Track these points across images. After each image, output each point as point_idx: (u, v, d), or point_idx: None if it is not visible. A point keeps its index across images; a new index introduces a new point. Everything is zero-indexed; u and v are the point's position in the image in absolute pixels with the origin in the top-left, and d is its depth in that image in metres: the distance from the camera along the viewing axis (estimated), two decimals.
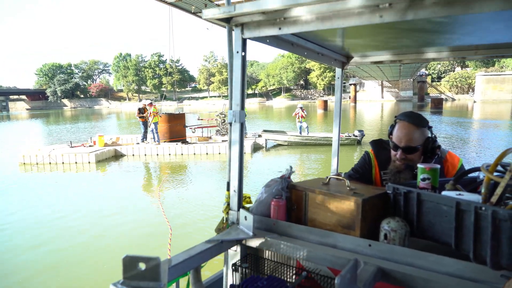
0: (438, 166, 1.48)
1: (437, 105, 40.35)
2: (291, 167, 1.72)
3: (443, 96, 65.79)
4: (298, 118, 16.53)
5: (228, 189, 1.75)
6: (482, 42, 2.00)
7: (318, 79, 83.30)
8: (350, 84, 63.45)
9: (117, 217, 7.13)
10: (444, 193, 1.33)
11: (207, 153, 14.01)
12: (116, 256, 5.32)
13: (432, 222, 1.30)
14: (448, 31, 1.77)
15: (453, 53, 2.27)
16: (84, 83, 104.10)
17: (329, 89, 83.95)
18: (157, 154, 14.04)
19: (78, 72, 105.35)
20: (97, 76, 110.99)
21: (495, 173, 1.23)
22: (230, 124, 1.68)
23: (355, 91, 63.36)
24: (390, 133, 1.92)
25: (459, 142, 16.24)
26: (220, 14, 1.49)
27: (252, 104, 76.10)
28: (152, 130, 14.67)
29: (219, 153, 13.91)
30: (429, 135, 1.82)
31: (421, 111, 40.24)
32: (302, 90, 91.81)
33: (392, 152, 1.88)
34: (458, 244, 1.21)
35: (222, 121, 16.56)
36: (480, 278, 1.12)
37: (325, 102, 47.36)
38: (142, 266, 1.05)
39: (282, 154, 14.16)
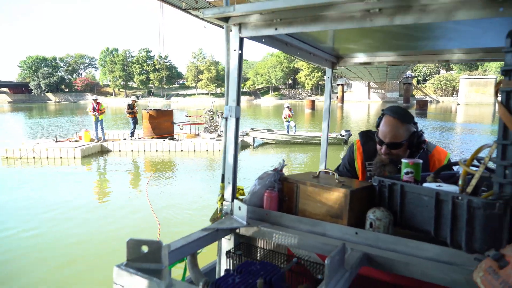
0: (421, 161, 1.59)
1: (422, 107, 41.05)
2: (283, 161, 1.81)
3: (428, 98, 67.00)
4: (286, 117, 16.74)
5: (222, 181, 1.82)
6: (464, 46, 2.13)
7: (306, 79, 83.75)
8: (338, 85, 64.02)
9: (103, 213, 7.11)
10: (425, 185, 1.44)
11: (194, 150, 14.02)
12: (104, 252, 5.33)
13: (414, 212, 1.41)
14: (434, 36, 1.89)
15: (437, 56, 2.39)
16: (69, 77, 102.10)
17: (317, 89, 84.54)
18: (144, 150, 13.97)
19: (63, 65, 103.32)
20: (82, 70, 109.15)
21: (472, 167, 1.34)
22: (226, 119, 1.75)
23: (343, 92, 63.97)
24: (378, 125, 1.98)
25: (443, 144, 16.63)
26: (219, 14, 1.57)
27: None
28: (97, 127, 14.40)
29: (207, 151, 13.93)
30: (414, 130, 1.88)
31: None
32: (290, 90, 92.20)
33: (378, 146, 1.96)
34: (437, 232, 1.32)
35: (211, 118, 16.58)
36: (455, 261, 1.23)
37: (313, 102, 47.75)
38: (145, 248, 1.13)
39: (269, 153, 14.27)
